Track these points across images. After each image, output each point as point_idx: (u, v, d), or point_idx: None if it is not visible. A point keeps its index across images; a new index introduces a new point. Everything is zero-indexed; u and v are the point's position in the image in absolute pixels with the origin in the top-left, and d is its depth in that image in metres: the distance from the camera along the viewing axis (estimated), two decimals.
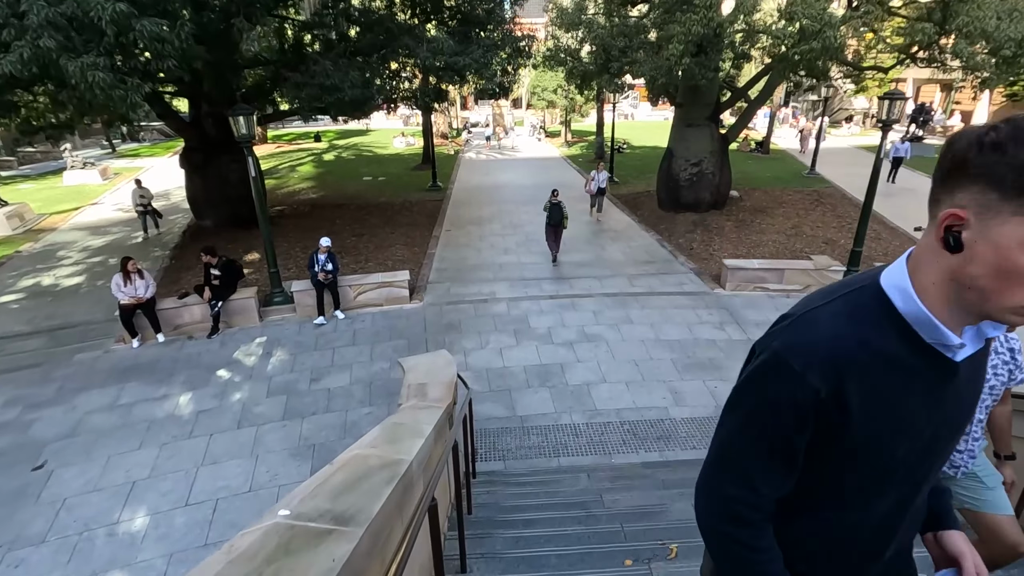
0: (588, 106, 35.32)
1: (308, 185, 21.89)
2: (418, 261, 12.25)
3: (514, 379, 7.37)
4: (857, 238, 10.11)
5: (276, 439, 6.27)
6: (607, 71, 13.15)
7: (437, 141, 35.31)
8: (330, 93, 9.28)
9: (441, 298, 10.19)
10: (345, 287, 9.59)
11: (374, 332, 8.87)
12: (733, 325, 8.84)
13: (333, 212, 16.55)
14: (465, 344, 8.38)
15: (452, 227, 15.18)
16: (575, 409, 6.68)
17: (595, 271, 11.47)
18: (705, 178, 14.29)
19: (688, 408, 6.65)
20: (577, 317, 9.20)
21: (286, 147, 35.13)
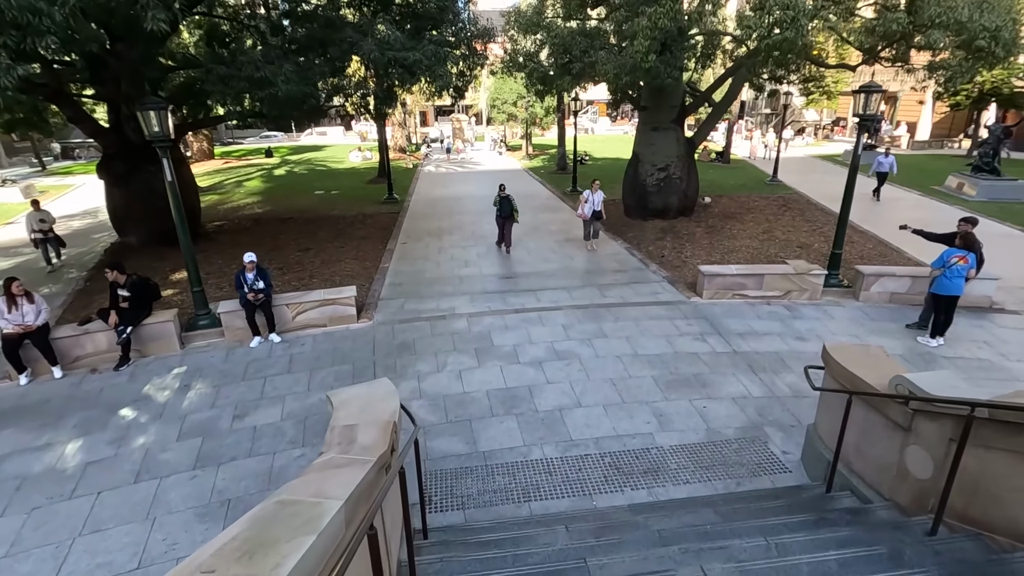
0: (549, 119, 35.01)
1: (254, 200, 20.48)
2: (369, 276, 11.15)
3: (476, 407, 6.37)
4: (836, 240, 9.64)
5: (182, 495, 5.07)
6: (568, 72, 12.49)
7: (395, 155, 34.31)
8: (260, 87, 8.20)
9: (394, 316, 9.12)
10: (281, 306, 8.43)
11: (314, 357, 7.73)
12: (715, 336, 8.09)
13: (278, 227, 15.28)
14: (420, 367, 7.33)
15: (408, 240, 14.15)
16: (547, 440, 5.72)
17: (563, 281, 10.62)
18: (673, 183, 13.73)
19: (676, 433, 5.79)
20: (545, 332, 8.29)
21: (234, 163, 33.42)
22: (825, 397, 4.86)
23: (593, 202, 12.02)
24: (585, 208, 12.09)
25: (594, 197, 12.02)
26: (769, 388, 6.65)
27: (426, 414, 6.23)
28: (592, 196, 11.99)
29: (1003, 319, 8.63)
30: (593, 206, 12.04)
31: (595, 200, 12.05)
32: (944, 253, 7.40)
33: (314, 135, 50.85)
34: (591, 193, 12.04)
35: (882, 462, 4.14)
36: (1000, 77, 26.39)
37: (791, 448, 5.51)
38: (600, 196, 12.13)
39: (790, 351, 7.59)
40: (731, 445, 5.58)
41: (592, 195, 12.00)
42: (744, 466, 5.26)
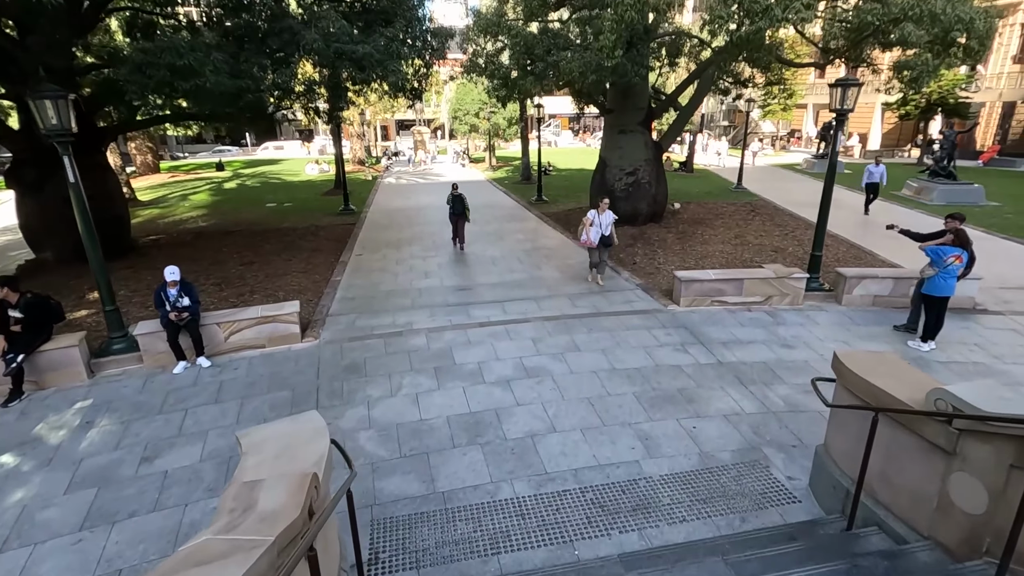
0: (512, 131, 34.60)
1: (198, 213, 19.11)
2: (318, 291, 10.14)
3: (434, 436, 5.48)
4: (816, 242, 9.21)
5: (57, 568, 4.00)
6: (531, 73, 11.87)
7: (354, 167, 33.21)
8: (184, 77, 7.20)
9: (343, 333, 8.15)
10: (212, 326, 7.36)
11: (248, 383, 6.70)
12: (697, 346, 7.44)
13: (220, 240, 14.07)
14: (370, 391, 6.40)
15: (364, 251, 13.18)
16: (518, 475, 4.88)
17: (531, 292, 9.85)
18: (642, 188, 13.23)
19: (665, 460, 5.03)
20: (513, 347, 7.48)
21: (181, 176, 31.66)
22: (838, 415, 4.20)
23: (600, 225, 9.60)
24: (591, 233, 9.55)
25: (601, 219, 9.61)
26: (762, 402, 5.99)
27: (375, 447, 5.31)
28: (599, 218, 9.61)
29: (988, 320, 8.29)
30: (601, 230, 9.61)
31: (603, 223, 9.62)
32: (941, 251, 6.95)
33: (270, 149, 49.26)
34: (597, 214, 9.63)
35: (917, 492, 3.47)
36: (946, 88, 27.39)
37: (796, 472, 4.83)
38: (610, 218, 9.69)
39: (778, 360, 6.99)
40: (728, 472, 4.86)
41: (599, 217, 9.61)
42: (746, 497, 4.54)
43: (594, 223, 9.58)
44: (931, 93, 27.62)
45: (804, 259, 11.07)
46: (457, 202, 12.83)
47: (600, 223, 9.62)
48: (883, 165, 16.36)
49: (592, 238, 9.60)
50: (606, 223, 9.68)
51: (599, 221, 9.62)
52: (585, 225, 9.65)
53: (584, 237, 9.68)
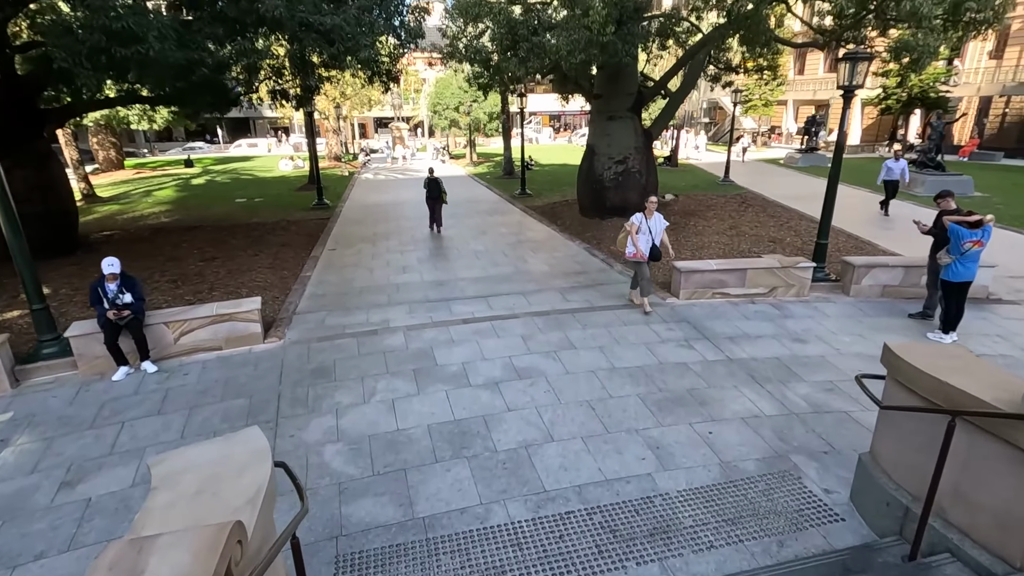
0: (492, 126, 33.85)
1: (160, 209, 18.01)
2: (286, 287, 9.28)
3: (413, 449, 4.72)
4: (821, 230, 8.70)
5: None
6: (515, 54, 11.14)
7: (330, 163, 32.13)
8: (123, 43, 6.29)
9: (311, 332, 7.33)
10: (158, 326, 6.48)
11: (199, 391, 5.84)
12: (702, 341, 6.79)
13: (181, 236, 13.08)
14: (339, 398, 5.60)
15: (338, 246, 12.32)
16: (512, 494, 4.15)
17: (518, 286, 9.13)
18: (632, 177, 12.60)
19: (682, 472, 4.35)
20: (501, 345, 6.75)
21: (147, 173, 30.24)
22: (892, 418, 3.55)
23: (650, 232, 7.50)
24: (639, 243, 7.45)
25: (651, 224, 7.49)
26: (781, 403, 5.36)
27: (344, 464, 4.53)
28: (647, 223, 7.47)
29: (1004, 310, 7.81)
30: (651, 238, 7.53)
31: (653, 229, 7.51)
32: (960, 233, 6.40)
33: (243, 147, 47.86)
34: (644, 218, 7.51)
35: (1006, 512, 2.83)
36: (927, 81, 27.44)
37: (833, 484, 4.18)
38: (662, 223, 7.63)
39: (792, 356, 6.38)
40: (756, 485, 4.19)
41: (647, 221, 7.48)
42: (781, 515, 3.87)
43: (641, 229, 7.50)
44: (912, 87, 27.68)
45: (803, 250, 10.59)
46: (433, 186, 13.07)
47: (650, 229, 7.50)
48: (904, 160, 14.34)
49: (642, 249, 7.49)
50: (658, 229, 7.56)
51: (648, 227, 7.51)
52: (629, 233, 7.55)
53: (631, 249, 7.54)
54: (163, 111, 26.80)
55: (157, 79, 7.52)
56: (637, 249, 7.53)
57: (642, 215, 7.64)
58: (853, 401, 5.36)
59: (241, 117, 55.00)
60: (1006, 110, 30.48)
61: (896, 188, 14.06)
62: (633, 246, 7.55)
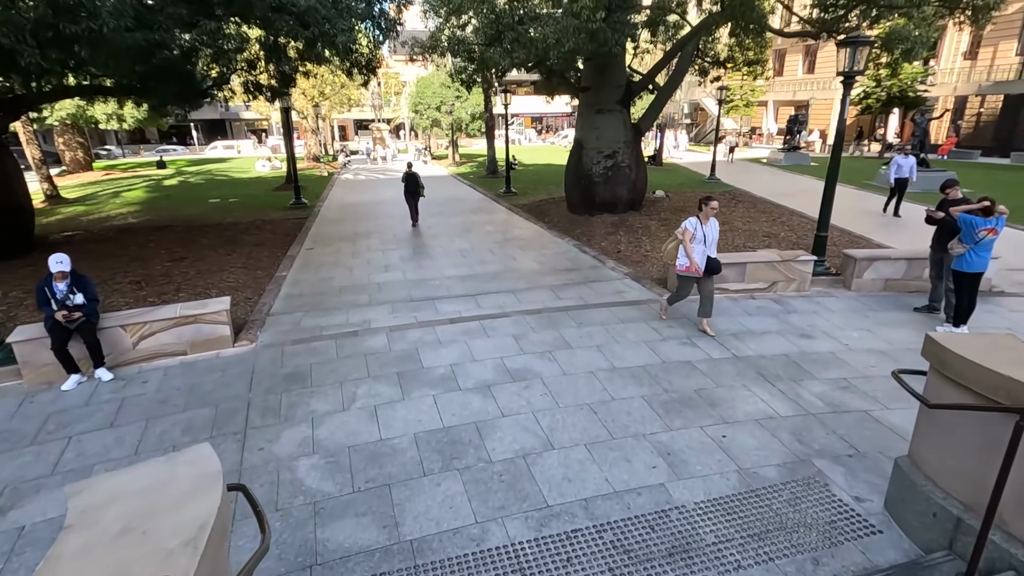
0: (475, 126, 33.43)
1: (128, 210, 17.22)
2: (259, 287, 8.70)
3: (398, 462, 4.23)
4: (820, 223, 8.42)
5: None
6: (499, 44, 10.72)
7: (309, 164, 31.40)
8: (72, 19, 5.71)
9: (286, 335, 6.79)
10: (114, 329, 5.89)
11: (159, 400, 5.28)
12: (705, 339, 6.41)
13: (148, 236, 12.39)
14: (316, 405, 5.09)
15: (316, 245, 11.76)
16: (511, 510, 3.69)
17: (507, 284, 8.69)
18: (621, 172, 12.25)
19: (698, 481, 3.93)
20: (492, 346, 6.29)
21: (117, 175, 29.19)
22: (938, 418, 3.17)
23: (706, 240, 6.28)
24: (694, 254, 6.21)
25: (706, 231, 6.28)
26: (796, 403, 4.98)
27: (320, 480, 4.02)
28: (702, 229, 6.25)
29: (1010, 303, 7.59)
30: (707, 247, 6.32)
31: (709, 237, 6.31)
32: (974, 222, 6.12)
33: (219, 148, 46.78)
34: (699, 223, 6.28)
35: None
36: (906, 80, 27.72)
37: (863, 491, 3.80)
38: (715, 230, 6.42)
39: (800, 353, 6.03)
40: (780, 494, 3.79)
41: (702, 227, 6.26)
42: (811, 528, 3.47)
43: (696, 236, 6.23)
44: (892, 86, 27.95)
45: (799, 244, 10.35)
46: (411, 180, 13.25)
47: (705, 237, 6.25)
48: (912, 157, 13.24)
49: (697, 261, 6.19)
50: (714, 238, 6.34)
51: (703, 233, 6.22)
52: (683, 240, 6.23)
53: (683, 262, 6.27)
54: (132, 109, 25.93)
55: (113, 62, 6.91)
56: (692, 261, 6.19)
57: (696, 220, 6.30)
58: (871, 400, 5.02)
59: (217, 119, 53.89)
60: (981, 109, 31.00)
61: (905, 186, 12.99)
62: (686, 257, 6.24)
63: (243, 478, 4.06)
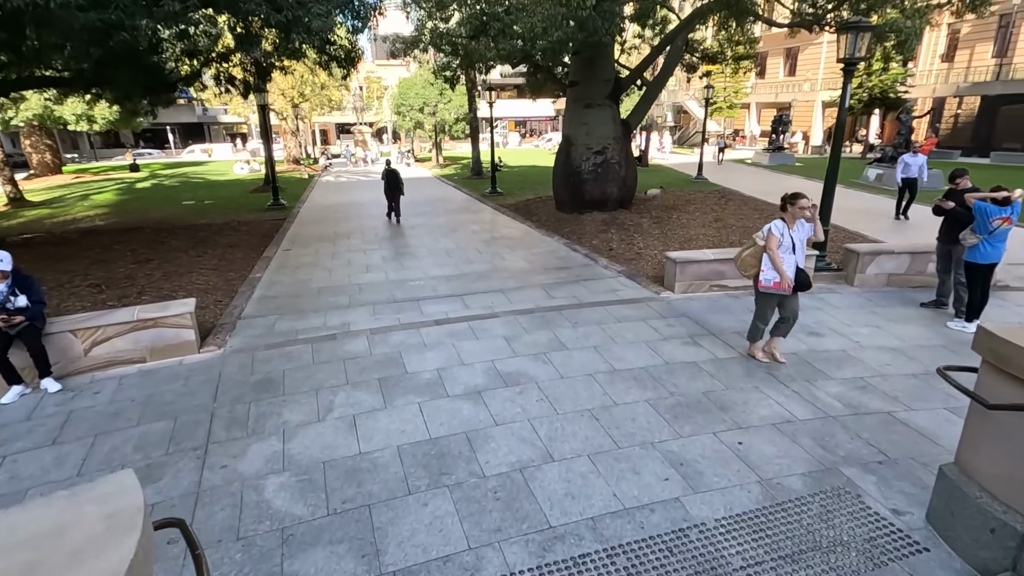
0: (458, 127, 33.00)
1: (96, 212, 16.45)
2: (231, 289, 8.15)
3: (379, 479, 3.75)
4: (821, 217, 8.04)
5: None
6: (485, 33, 10.31)
7: (289, 166, 30.71)
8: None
9: (258, 339, 6.25)
10: (63, 334, 5.32)
11: (111, 413, 4.73)
12: (708, 338, 6.03)
13: (114, 237, 11.73)
14: (288, 416, 4.58)
15: (293, 246, 11.20)
16: (508, 533, 3.23)
17: (495, 283, 8.24)
18: (611, 169, 11.90)
19: (717, 495, 3.52)
20: (481, 348, 5.84)
21: (88, 178, 28.20)
22: (996, 421, 2.79)
23: (794, 246, 4.99)
24: (783, 265, 4.93)
25: (794, 235, 4.98)
26: (813, 405, 4.61)
27: (290, 502, 3.53)
28: (789, 234, 4.95)
29: (1018, 297, 7.35)
30: (796, 256, 5.02)
31: (798, 241, 5.01)
32: (988, 210, 5.83)
33: (196, 152, 45.78)
34: (787, 226, 4.97)
35: None
36: (887, 81, 27.98)
37: (900, 502, 3.42)
38: (805, 233, 5.06)
39: (810, 351, 5.67)
40: (809, 507, 3.39)
41: (789, 231, 4.96)
42: (850, 547, 3.07)
43: (784, 243, 4.92)
44: (873, 87, 28.18)
45: None
46: (391, 177, 13.33)
47: (794, 243, 4.94)
48: (922, 156, 12.27)
49: (788, 273, 4.91)
50: (802, 244, 5.02)
51: (792, 239, 4.93)
52: (768, 249, 4.91)
53: (770, 276, 4.97)
54: (103, 109, 25.02)
55: (66, 44, 6.33)
56: (782, 276, 4.86)
57: (783, 222, 4.93)
58: (892, 400, 4.66)
59: (195, 122, 52.75)
60: (958, 111, 31.43)
61: (915, 187, 11.98)
62: (773, 269, 4.92)
63: (200, 501, 3.55)
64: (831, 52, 37.11)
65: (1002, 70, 28.16)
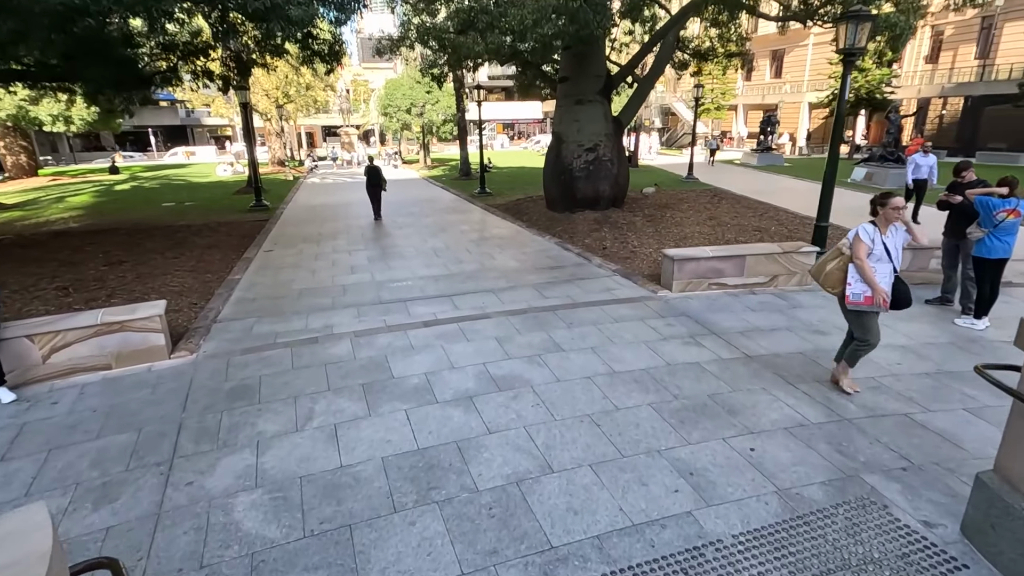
0: (446, 128, 32.69)
1: (70, 214, 15.88)
2: (207, 291, 7.75)
3: (362, 495, 3.41)
4: (821, 211, 7.93)
5: None
6: (473, 27, 10.01)
7: (274, 168, 30.18)
8: None
9: (234, 343, 5.87)
10: (19, 340, 4.91)
11: (68, 425, 4.33)
12: (710, 337, 5.76)
13: (86, 239, 11.26)
14: (263, 426, 4.22)
15: (276, 246, 10.80)
16: (505, 555, 2.91)
17: (486, 283, 7.93)
18: (603, 166, 11.65)
19: (732, 507, 3.22)
20: (473, 350, 5.51)
21: (66, 180, 27.46)
22: None
23: (889, 254, 4.16)
24: (876, 276, 4.11)
25: (885, 240, 4.15)
26: (826, 407, 4.34)
27: (262, 523, 3.17)
28: (881, 240, 4.14)
29: (1022, 292, 7.18)
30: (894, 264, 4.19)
31: (893, 248, 4.17)
32: (991, 204, 5.64)
33: (179, 155, 45.07)
34: (878, 231, 4.16)
35: None
36: (873, 82, 28.14)
37: (931, 512, 3.15)
38: (900, 240, 4.24)
39: (816, 350, 5.43)
40: (833, 520, 3.11)
41: (881, 237, 4.14)
42: (882, 566, 2.79)
43: (874, 251, 4.13)
44: (860, 88, 28.32)
45: (791, 238, 9.94)
46: (373, 174, 13.39)
47: (887, 251, 4.14)
48: (933, 155, 11.68)
49: (884, 287, 4.11)
50: (898, 249, 4.21)
51: (885, 246, 4.14)
52: (856, 259, 4.13)
53: (860, 290, 4.16)
54: (80, 109, 24.40)
55: (25, 28, 5.91)
56: (875, 289, 4.07)
57: (873, 226, 4.15)
58: (908, 401, 4.41)
59: (178, 125, 51.88)
60: (943, 111, 31.72)
61: (924, 189, 11.43)
62: (863, 281, 4.13)
63: (161, 523, 3.18)
64: (817, 54, 37.35)
65: (985, 71, 28.46)
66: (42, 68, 8.54)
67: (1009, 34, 27.44)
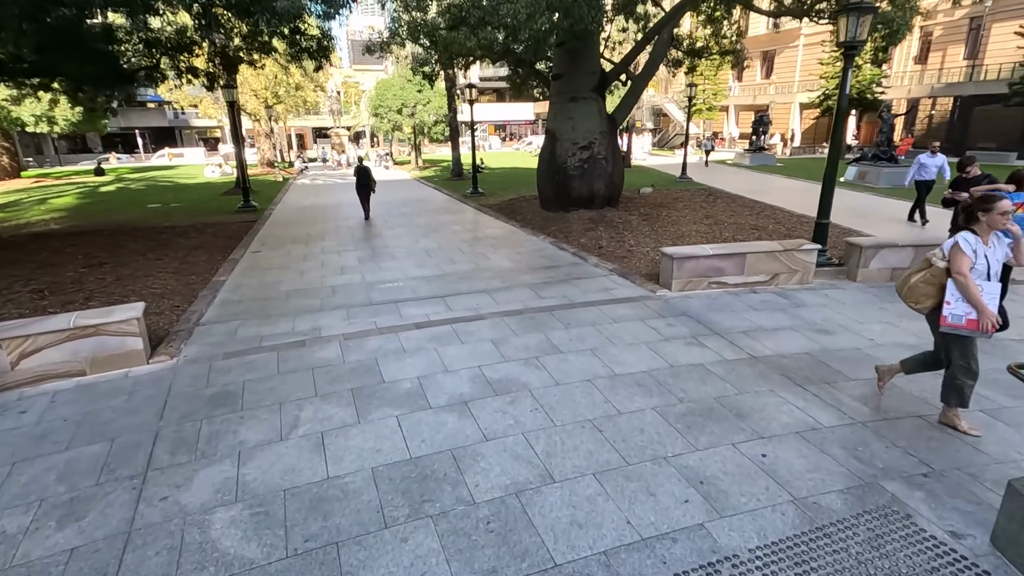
0: (438, 129, 32.47)
1: (52, 216, 15.48)
2: (191, 293, 7.47)
3: (350, 508, 3.18)
4: (822, 209, 7.76)
5: None
6: (464, 23, 9.80)
7: (263, 169, 29.81)
8: None
9: (217, 347, 5.61)
10: None
11: (36, 436, 4.06)
12: (713, 338, 5.57)
13: (66, 240, 10.93)
14: (245, 435, 3.97)
15: (264, 247, 10.52)
16: (505, 574, 2.69)
17: (480, 284, 7.70)
18: (598, 165, 11.47)
19: (746, 519, 3.02)
20: (467, 353, 5.29)
21: (50, 182, 26.93)
22: None
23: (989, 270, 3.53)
24: (980, 295, 3.46)
25: (987, 253, 3.51)
26: (838, 409, 4.16)
27: (241, 542, 2.93)
28: (984, 252, 3.50)
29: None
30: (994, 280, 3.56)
31: (994, 261, 3.53)
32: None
33: (167, 157, 44.51)
34: (980, 244, 3.51)
35: None
36: (864, 82, 28.22)
37: (957, 522, 2.96)
38: (1002, 253, 3.56)
39: (823, 351, 5.25)
40: (855, 531, 2.91)
41: (982, 247, 3.50)
42: None
43: (976, 265, 3.51)
44: (851, 88, 28.39)
45: (789, 236, 9.77)
46: (362, 174, 13.36)
47: (989, 264, 3.54)
48: (942, 155, 11.18)
49: (989, 305, 3.48)
50: (999, 263, 3.58)
51: (987, 259, 3.53)
52: (953, 271, 3.55)
53: (960, 312, 3.54)
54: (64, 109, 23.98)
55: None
56: (979, 308, 3.46)
57: (974, 236, 3.53)
58: (922, 402, 4.24)
59: (166, 127, 51.22)
60: (933, 111, 31.90)
61: (930, 190, 10.99)
62: (963, 298, 3.52)
63: (131, 543, 2.93)
64: (807, 55, 37.50)
65: (974, 71, 28.63)
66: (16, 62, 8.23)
67: (997, 35, 27.62)
